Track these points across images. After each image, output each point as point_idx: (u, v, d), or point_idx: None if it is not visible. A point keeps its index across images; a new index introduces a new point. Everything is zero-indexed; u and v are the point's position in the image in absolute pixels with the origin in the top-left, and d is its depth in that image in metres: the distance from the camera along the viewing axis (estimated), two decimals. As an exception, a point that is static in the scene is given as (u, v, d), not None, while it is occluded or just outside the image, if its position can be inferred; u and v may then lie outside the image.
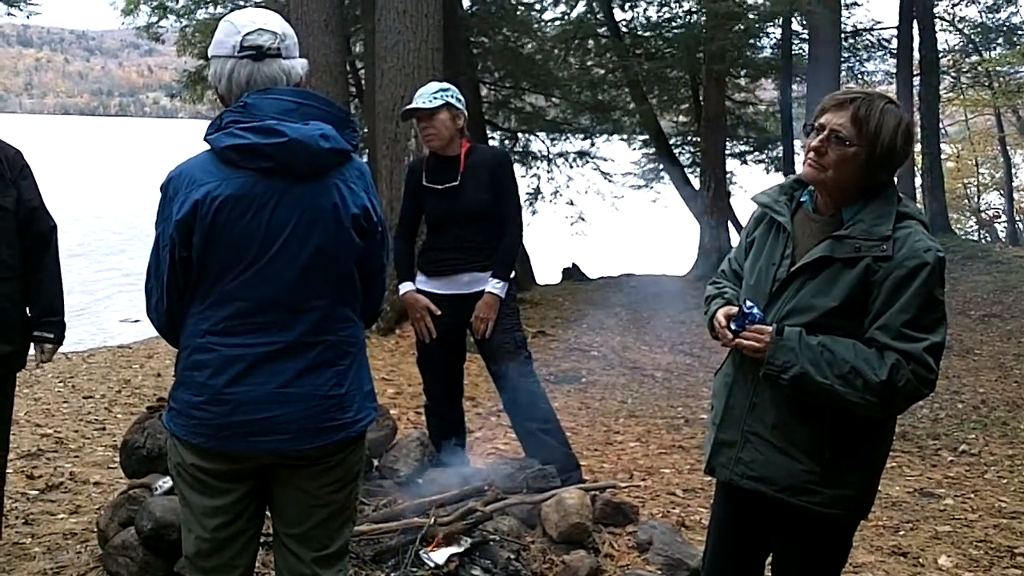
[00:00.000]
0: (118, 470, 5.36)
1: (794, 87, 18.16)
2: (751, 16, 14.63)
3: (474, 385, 7.40)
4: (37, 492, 5.05)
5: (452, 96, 4.46)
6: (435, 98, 4.41)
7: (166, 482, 3.68)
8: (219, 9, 15.16)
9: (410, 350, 8.49)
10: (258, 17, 2.49)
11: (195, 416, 2.41)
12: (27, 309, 3.85)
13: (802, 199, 2.67)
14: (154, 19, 16.05)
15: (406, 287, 4.53)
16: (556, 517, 3.87)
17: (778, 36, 17.53)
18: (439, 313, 4.45)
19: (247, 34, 2.44)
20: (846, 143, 2.46)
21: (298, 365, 2.42)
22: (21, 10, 13.43)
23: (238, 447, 2.41)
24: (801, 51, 17.45)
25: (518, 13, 16.22)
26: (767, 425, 2.58)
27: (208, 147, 2.43)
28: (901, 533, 4.97)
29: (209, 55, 2.56)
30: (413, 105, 4.45)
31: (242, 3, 15.02)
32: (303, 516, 2.54)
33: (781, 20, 16.28)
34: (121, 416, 6.85)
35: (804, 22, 16.31)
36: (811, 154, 2.51)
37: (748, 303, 2.56)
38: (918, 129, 17.05)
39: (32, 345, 3.90)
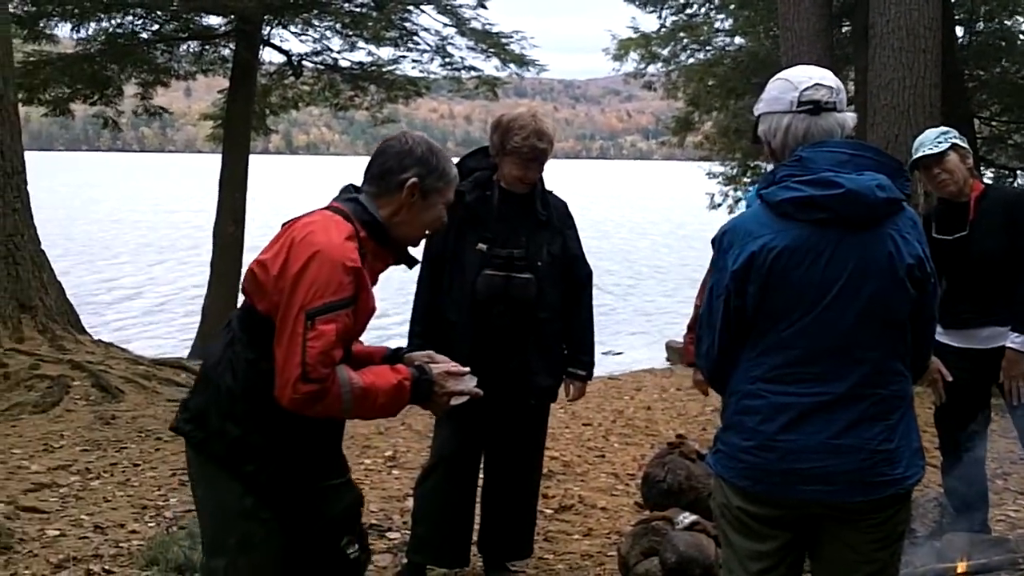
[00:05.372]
0: (621, 497, 5.68)
1: None
2: None
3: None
4: (552, 511, 5.44)
5: (955, 137, 4.20)
6: (939, 143, 4.16)
7: (687, 517, 3.84)
8: (707, 55, 15.59)
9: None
10: (814, 73, 2.57)
11: (744, 460, 2.49)
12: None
13: None
14: (642, 65, 16.87)
15: None
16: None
17: None
18: (950, 379, 4.18)
19: (804, 89, 2.52)
20: None
21: (849, 417, 2.41)
22: (529, 71, 14.92)
23: (785, 494, 2.45)
24: None
25: (1019, 42, 14.81)
26: None
27: (759, 200, 2.53)
28: None
29: (758, 112, 2.65)
30: (919, 154, 4.21)
31: (728, 48, 15.33)
32: (846, 571, 2.51)
33: None
34: (617, 445, 7.20)
35: None
36: None
37: None
38: None
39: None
